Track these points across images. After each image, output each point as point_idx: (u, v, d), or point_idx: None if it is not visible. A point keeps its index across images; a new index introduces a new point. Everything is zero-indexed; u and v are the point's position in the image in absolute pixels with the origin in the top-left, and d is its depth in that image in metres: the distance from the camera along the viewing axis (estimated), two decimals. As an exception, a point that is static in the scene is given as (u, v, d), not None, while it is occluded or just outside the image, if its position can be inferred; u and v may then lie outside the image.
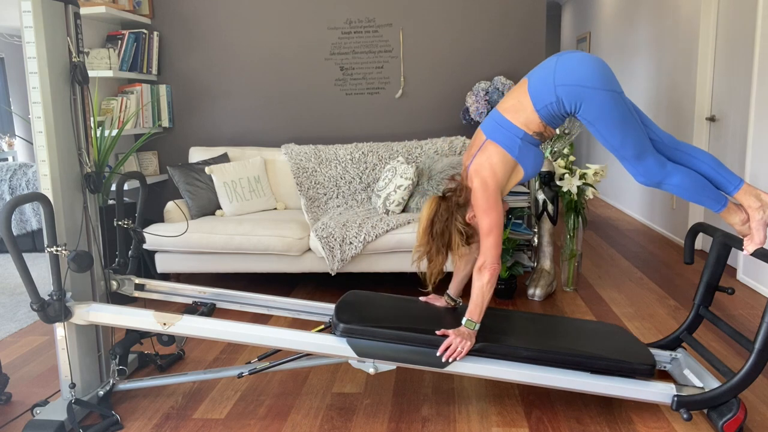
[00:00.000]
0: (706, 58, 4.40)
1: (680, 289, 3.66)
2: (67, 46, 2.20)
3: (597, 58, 2.04)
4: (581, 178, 3.44)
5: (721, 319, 2.30)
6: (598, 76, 1.98)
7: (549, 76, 2.04)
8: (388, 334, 2.12)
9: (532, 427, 2.13)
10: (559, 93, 2.02)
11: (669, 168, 2.07)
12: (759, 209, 2.08)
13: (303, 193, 3.96)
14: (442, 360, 2.08)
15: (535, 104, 2.06)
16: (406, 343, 2.12)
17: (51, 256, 2.08)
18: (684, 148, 2.15)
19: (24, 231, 4.95)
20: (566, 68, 2.01)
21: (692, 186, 2.07)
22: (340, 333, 2.13)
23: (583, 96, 1.99)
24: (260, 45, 4.34)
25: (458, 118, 4.30)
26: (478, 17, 4.17)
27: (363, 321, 2.16)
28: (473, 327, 2.10)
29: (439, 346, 2.09)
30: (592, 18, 7.43)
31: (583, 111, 2.02)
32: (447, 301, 2.46)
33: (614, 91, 1.99)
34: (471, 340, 2.09)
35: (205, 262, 3.57)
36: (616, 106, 1.99)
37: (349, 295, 2.46)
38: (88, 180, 2.27)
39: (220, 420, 2.23)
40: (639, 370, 2.11)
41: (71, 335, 2.23)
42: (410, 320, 2.22)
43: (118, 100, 4.08)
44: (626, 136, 2.02)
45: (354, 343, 2.12)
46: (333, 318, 2.21)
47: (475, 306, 2.10)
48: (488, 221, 2.08)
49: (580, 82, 1.98)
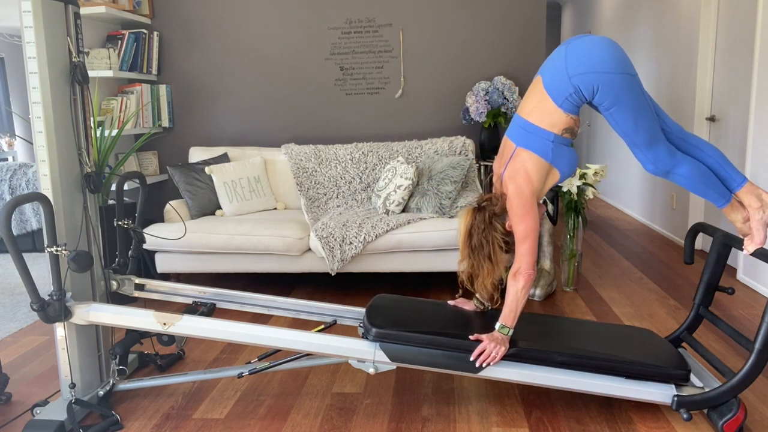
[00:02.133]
0: (706, 58, 4.40)
1: (680, 289, 3.66)
2: (67, 46, 2.20)
3: (607, 40, 1.99)
4: (581, 178, 3.44)
5: (721, 319, 2.30)
6: (611, 60, 1.93)
7: (561, 68, 1.99)
8: (421, 338, 2.11)
9: (532, 427, 2.13)
10: (575, 82, 1.97)
11: (678, 157, 2.04)
12: (759, 209, 2.07)
13: (303, 193, 3.96)
14: (476, 365, 2.07)
15: (556, 100, 2.01)
16: (440, 348, 2.11)
17: (51, 256, 2.08)
18: (692, 140, 2.12)
19: (24, 231, 4.96)
20: (578, 56, 1.97)
21: (699, 178, 2.04)
22: (373, 337, 2.12)
23: (599, 81, 1.94)
24: (260, 45, 4.34)
25: (458, 118, 4.30)
26: (478, 17, 4.17)
27: (395, 326, 2.15)
28: (507, 332, 2.09)
29: (472, 351, 2.08)
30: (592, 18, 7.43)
31: (599, 96, 1.98)
32: (476, 305, 2.43)
33: (628, 74, 1.95)
34: (505, 345, 2.07)
35: (205, 262, 3.57)
36: (631, 90, 1.95)
37: (378, 299, 2.45)
38: (88, 180, 2.27)
39: (220, 420, 2.23)
40: (675, 376, 2.10)
41: (71, 335, 2.23)
42: (442, 324, 2.21)
43: (118, 100, 4.08)
44: (639, 121, 1.98)
45: (387, 348, 2.11)
46: (365, 322, 2.20)
47: (510, 311, 2.08)
48: (524, 227, 2.06)
49: (595, 68, 1.94)
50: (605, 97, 1.97)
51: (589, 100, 2.02)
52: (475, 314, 2.39)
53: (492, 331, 2.12)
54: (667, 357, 2.19)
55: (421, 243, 3.37)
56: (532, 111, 2.07)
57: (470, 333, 2.13)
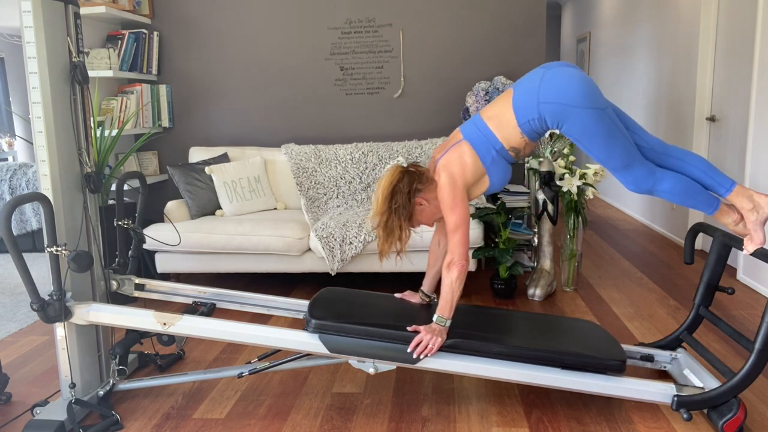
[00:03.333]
0: (706, 58, 4.40)
1: (680, 289, 3.66)
2: (67, 46, 2.20)
3: (582, 75, 2.03)
4: (581, 178, 3.45)
5: (721, 319, 2.30)
6: (582, 95, 1.97)
7: (534, 90, 2.03)
8: (359, 330, 2.12)
9: (532, 427, 2.13)
10: (541, 110, 2.02)
11: (658, 174, 2.08)
12: (752, 210, 2.09)
13: (303, 193, 3.96)
14: (413, 356, 2.09)
15: (518, 118, 2.07)
16: (378, 339, 2.12)
17: (51, 256, 2.08)
18: (674, 153, 2.15)
19: (24, 231, 4.96)
20: (553, 84, 2.00)
21: (683, 191, 2.08)
22: (313, 329, 2.14)
23: (566, 114, 1.99)
24: (260, 45, 4.34)
25: (458, 118, 4.30)
26: (478, 17, 4.17)
27: (336, 317, 2.16)
28: (444, 323, 2.10)
29: (410, 342, 2.10)
30: (592, 18, 7.43)
31: (566, 128, 2.03)
32: (421, 298, 2.46)
33: (598, 108, 1.99)
34: (442, 337, 2.09)
35: (205, 262, 3.57)
36: (601, 123, 1.99)
37: (324, 291, 2.46)
38: (88, 180, 2.27)
39: (220, 420, 2.24)
40: (610, 366, 2.11)
41: (71, 335, 2.23)
42: (384, 316, 2.22)
43: (118, 100, 4.08)
44: (612, 149, 2.03)
45: (326, 339, 2.13)
46: (306, 314, 2.21)
47: (446, 302, 2.10)
48: (455, 217, 2.08)
49: (564, 100, 1.98)
50: (573, 129, 2.02)
51: (552, 129, 2.08)
52: (420, 307, 2.40)
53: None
54: (604, 348, 2.19)
55: (421, 243, 3.37)
56: (493, 118, 2.12)
57: (412, 325, 2.14)
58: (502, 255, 3.42)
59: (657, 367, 2.48)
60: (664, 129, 5.18)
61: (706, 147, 4.48)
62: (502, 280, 3.51)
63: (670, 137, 5.04)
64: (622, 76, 6.31)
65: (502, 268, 3.50)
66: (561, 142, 3.54)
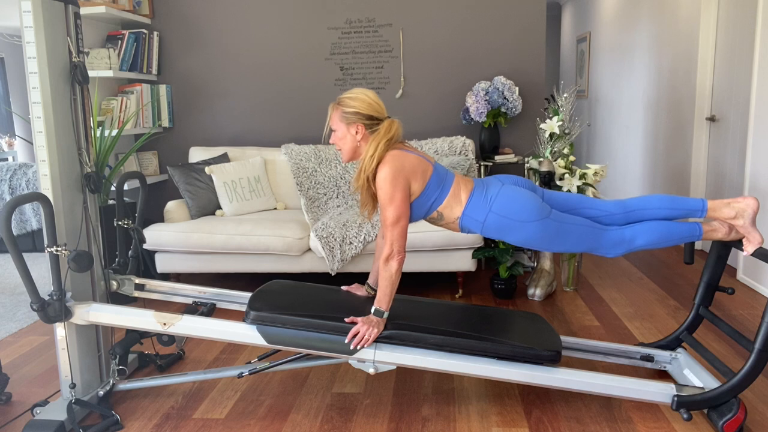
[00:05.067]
0: (706, 58, 4.40)
1: (680, 289, 3.66)
2: (67, 46, 2.20)
3: (531, 194, 2.14)
4: (581, 178, 3.45)
5: (721, 319, 2.30)
6: (529, 211, 2.10)
7: (491, 197, 2.13)
8: (297, 321, 2.13)
9: (532, 427, 2.13)
10: (490, 218, 2.12)
11: (627, 235, 2.14)
12: (738, 217, 2.15)
13: (303, 193, 3.96)
14: (350, 347, 2.10)
15: (466, 208, 2.14)
16: (316, 331, 2.13)
17: (51, 256, 2.09)
18: (633, 206, 2.20)
19: (24, 231, 4.96)
20: (507, 200, 2.12)
21: (660, 237, 2.13)
22: (251, 321, 2.14)
23: (511, 227, 2.11)
24: (260, 45, 4.34)
25: (458, 118, 4.30)
26: (478, 17, 4.17)
27: (274, 309, 2.16)
28: (382, 315, 2.12)
29: (347, 334, 2.11)
30: (592, 18, 7.43)
31: (511, 239, 2.14)
32: (367, 291, 2.47)
33: (544, 219, 2.10)
34: (379, 328, 2.11)
35: (205, 262, 3.57)
36: (546, 230, 2.11)
37: (270, 284, 2.45)
38: (88, 180, 2.27)
39: (220, 420, 2.24)
40: (544, 357, 2.12)
41: (71, 335, 2.23)
42: (325, 308, 2.21)
43: (118, 100, 4.08)
44: (566, 243, 2.14)
45: (264, 331, 2.13)
46: (247, 305, 2.21)
47: (384, 294, 2.12)
48: (393, 210, 2.08)
49: (514, 216, 2.10)
50: (518, 239, 2.13)
51: (486, 236, 2.17)
52: (366, 299, 2.40)
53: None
54: (541, 339, 2.19)
55: (421, 243, 3.37)
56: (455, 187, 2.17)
57: (352, 316, 2.15)
58: (502, 255, 3.43)
59: (657, 367, 2.49)
60: (664, 129, 5.18)
61: (706, 147, 4.48)
62: (502, 280, 3.51)
63: (670, 137, 5.04)
64: (622, 76, 6.31)
65: (502, 268, 3.50)
66: (561, 142, 3.53)
